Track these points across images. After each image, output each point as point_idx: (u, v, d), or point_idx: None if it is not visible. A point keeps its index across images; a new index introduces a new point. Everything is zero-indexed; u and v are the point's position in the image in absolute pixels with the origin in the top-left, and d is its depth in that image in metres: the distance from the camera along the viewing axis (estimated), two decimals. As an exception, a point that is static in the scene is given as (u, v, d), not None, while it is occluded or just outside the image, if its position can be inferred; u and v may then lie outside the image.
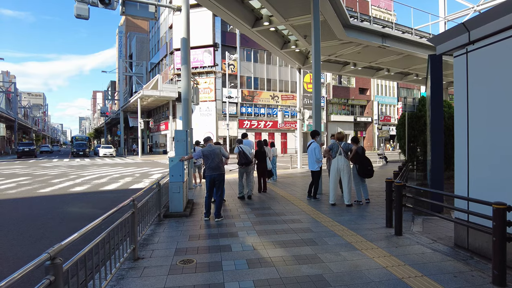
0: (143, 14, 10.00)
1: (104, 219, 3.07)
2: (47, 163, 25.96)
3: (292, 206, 7.25)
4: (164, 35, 43.76)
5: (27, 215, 7.30)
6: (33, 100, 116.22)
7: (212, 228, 5.49)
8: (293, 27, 13.31)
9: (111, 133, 72.72)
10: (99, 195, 9.80)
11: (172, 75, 38.14)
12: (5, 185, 11.78)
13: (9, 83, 67.11)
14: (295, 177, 13.72)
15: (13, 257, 4.53)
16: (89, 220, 6.57)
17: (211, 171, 6.04)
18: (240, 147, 8.15)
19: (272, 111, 40.06)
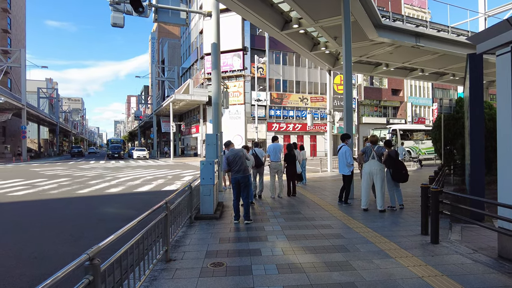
0: (174, 21, 10.28)
1: (139, 221, 3.14)
2: (85, 165, 27.26)
3: (322, 211, 7.14)
4: (194, 40, 44.74)
5: (68, 214, 7.70)
6: (72, 105, 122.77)
7: (241, 231, 5.52)
8: (323, 29, 13.16)
9: (145, 136, 75.21)
10: (133, 197, 10.15)
11: (203, 80, 38.88)
12: (48, 186, 12.50)
13: (52, 89, 71.29)
14: (325, 181, 13.51)
15: (55, 255, 4.78)
16: (124, 220, 6.82)
17: (235, 173, 6.09)
18: (255, 150, 8.75)
19: (301, 113, 39.75)
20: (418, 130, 28.40)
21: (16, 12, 57.79)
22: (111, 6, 9.65)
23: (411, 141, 25.87)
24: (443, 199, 4.87)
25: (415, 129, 29.19)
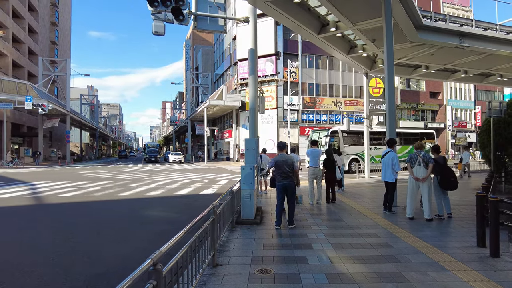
0: (213, 28, 10.45)
1: (192, 226, 3.17)
2: (124, 168, 28.37)
3: (365, 219, 6.91)
4: (228, 47, 45.44)
5: (112, 217, 8.00)
6: (111, 111, 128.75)
7: (284, 238, 5.46)
8: (361, 32, 12.87)
9: (179, 140, 77.19)
10: (173, 200, 10.38)
11: (236, 85, 39.34)
12: (92, 188, 13.11)
13: (92, 96, 75.22)
14: (363, 187, 13.14)
15: (106, 256, 4.95)
16: (166, 223, 7.01)
17: (283, 179, 6.04)
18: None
19: (334, 117, 39.09)
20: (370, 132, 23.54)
21: (62, 25, 61.67)
22: (153, 16, 9.98)
23: (358, 147, 21.42)
24: (504, 210, 4.54)
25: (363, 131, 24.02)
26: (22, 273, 4.19)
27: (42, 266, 4.43)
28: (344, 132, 21.43)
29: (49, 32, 54.96)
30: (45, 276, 4.10)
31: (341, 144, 20.50)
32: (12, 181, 16.14)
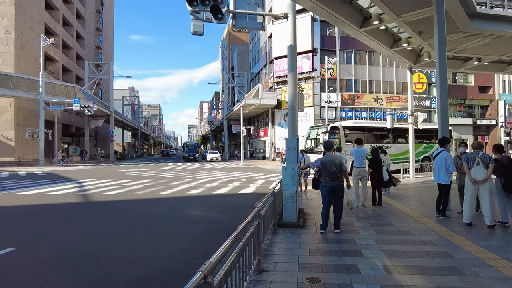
0: (251, 25, 10.31)
1: (238, 233, 2.99)
2: (164, 166, 29.17)
3: (417, 224, 6.41)
4: (264, 45, 45.31)
5: (155, 215, 8.09)
6: (151, 111, 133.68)
7: (331, 243, 5.16)
8: (406, 24, 12.11)
9: (216, 139, 78.45)
10: (213, 199, 10.37)
11: (272, 83, 39.11)
12: (135, 186, 13.49)
13: (134, 97, 78.46)
14: (408, 188, 12.42)
15: (149, 256, 4.92)
16: (208, 223, 6.95)
17: (330, 180, 5.72)
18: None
19: (375, 114, 37.63)
20: (375, 129, 20.68)
21: (106, 30, 64.83)
22: (192, 15, 10.00)
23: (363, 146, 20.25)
24: None
25: (370, 127, 20.92)
26: (71, 271, 4.26)
27: (89, 265, 4.48)
28: (346, 128, 18.93)
29: (94, 37, 58.01)
30: (92, 275, 4.13)
31: (342, 142, 17.67)
32: (62, 178, 17.08)
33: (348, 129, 19.07)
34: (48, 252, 5.08)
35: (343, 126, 18.66)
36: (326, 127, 18.82)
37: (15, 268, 4.38)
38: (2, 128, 31.95)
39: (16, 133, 32.06)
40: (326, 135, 18.03)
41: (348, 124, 20.03)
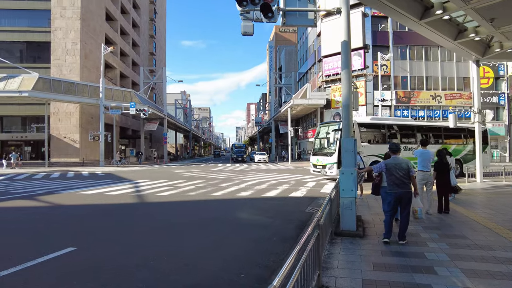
0: (302, 22, 9.95)
1: (301, 248, 2.68)
2: (214, 167, 29.72)
3: (497, 237, 5.61)
4: (312, 44, 44.46)
5: (207, 218, 8.06)
6: (202, 114, 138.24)
7: (397, 257, 4.64)
8: (475, 11, 10.92)
9: (263, 140, 78.82)
10: (263, 202, 10.16)
11: (320, 83, 38.19)
12: (187, 187, 13.76)
13: (185, 100, 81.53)
14: (476, 194, 11.19)
15: (204, 263, 4.78)
16: (260, 228, 6.72)
17: (396, 187, 5.19)
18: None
19: (433, 113, 35.06)
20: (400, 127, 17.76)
21: (159, 37, 68.09)
22: (241, 16, 9.90)
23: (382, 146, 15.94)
24: None
25: (392, 125, 17.77)
26: (127, 275, 4.25)
27: (143, 269, 4.46)
28: (362, 126, 16.42)
29: (148, 44, 61.20)
30: (148, 281, 4.07)
31: (357, 142, 15.82)
32: (120, 179, 18.03)
33: (365, 127, 16.71)
34: (106, 254, 5.18)
35: (358, 123, 16.02)
36: (338, 124, 15.62)
37: (75, 269, 4.48)
38: (69, 131, 34.80)
39: (80, 136, 34.76)
40: (338, 134, 15.16)
41: (365, 121, 17.42)
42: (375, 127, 17.30)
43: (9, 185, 14.94)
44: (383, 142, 16.68)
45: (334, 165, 14.93)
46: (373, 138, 17.00)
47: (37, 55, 37.32)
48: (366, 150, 15.61)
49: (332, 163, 15.15)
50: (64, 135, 34.71)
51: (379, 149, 15.60)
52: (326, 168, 15.53)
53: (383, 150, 15.30)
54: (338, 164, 14.32)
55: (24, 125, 37.27)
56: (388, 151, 5.99)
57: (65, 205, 9.86)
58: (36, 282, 4.07)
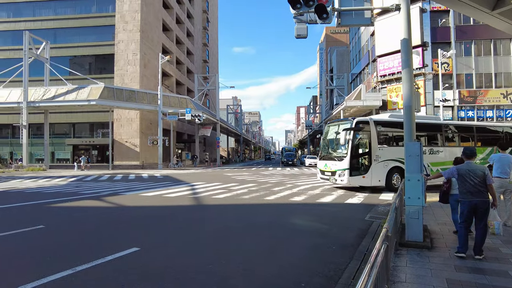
0: (358, 22, 9.61)
1: (373, 263, 2.50)
2: (265, 171, 29.82)
3: None
4: (365, 44, 42.92)
5: (261, 222, 8.03)
6: (252, 118, 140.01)
7: (475, 274, 4.17)
8: (559, -3, 9.69)
9: (313, 144, 77.52)
10: (318, 208, 9.90)
11: (375, 83, 36.63)
12: (240, 190, 13.92)
13: (236, 105, 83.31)
14: None
15: (263, 269, 4.73)
16: (316, 236, 6.52)
17: (470, 195, 4.71)
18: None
19: (504, 112, 31.81)
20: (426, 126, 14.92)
21: (212, 45, 70.45)
22: (295, 19, 9.82)
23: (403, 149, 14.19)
24: None
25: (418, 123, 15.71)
26: (187, 278, 4.33)
27: (202, 273, 4.51)
28: (379, 124, 13.78)
29: (201, 52, 63.61)
30: (207, 286, 4.12)
31: (374, 145, 13.09)
32: (177, 181, 18.81)
33: (383, 126, 14.09)
34: (167, 255, 5.36)
35: (375, 121, 13.60)
36: (350, 122, 13.45)
37: (138, 270, 4.67)
38: (130, 136, 37.28)
39: (140, 140, 37.06)
40: (350, 134, 12.88)
41: (382, 119, 14.72)
42: (395, 126, 14.26)
43: (80, 186, 16.32)
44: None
45: (345, 171, 12.93)
46: (393, 140, 14.40)
47: (103, 67, 40.63)
48: (384, 153, 13.22)
49: (342, 169, 13.05)
50: (125, 139, 37.24)
51: (400, 153, 12.68)
52: (335, 175, 13.35)
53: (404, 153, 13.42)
54: (350, 170, 12.80)
55: (91, 131, 40.66)
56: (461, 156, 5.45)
57: (128, 206, 10.47)
58: (103, 281, 4.30)
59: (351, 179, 12.81)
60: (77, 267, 4.60)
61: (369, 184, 13.01)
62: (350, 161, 12.81)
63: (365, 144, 13.35)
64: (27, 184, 17.83)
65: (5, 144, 41.30)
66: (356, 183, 13.08)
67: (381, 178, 13.11)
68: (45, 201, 11.32)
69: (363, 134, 13.40)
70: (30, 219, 8.24)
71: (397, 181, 13.20)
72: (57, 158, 40.58)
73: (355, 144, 13.14)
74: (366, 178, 12.86)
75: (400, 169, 12.99)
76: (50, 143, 37.12)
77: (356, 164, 13.08)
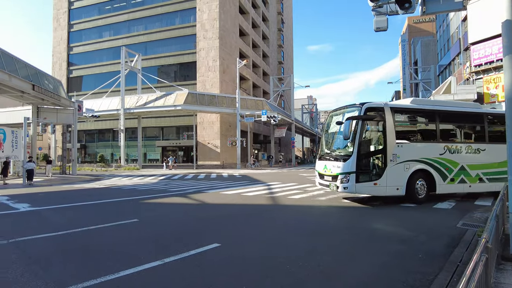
0: (447, 7, 8.72)
1: (470, 276, 2.24)
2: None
3: None
4: (455, 31, 38.64)
5: (339, 227, 7.78)
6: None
7: None
8: None
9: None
10: (399, 212, 9.19)
11: (468, 74, 32.71)
12: (316, 192, 13.68)
13: (312, 105, 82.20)
14: None
15: (342, 278, 4.60)
16: (398, 242, 6.09)
17: None
18: None
19: None
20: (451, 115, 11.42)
21: (286, 46, 70.79)
22: (374, 11, 9.32)
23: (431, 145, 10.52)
24: None
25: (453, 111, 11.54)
26: (264, 278, 4.40)
27: (280, 273, 4.55)
28: (399, 112, 10.73)
29: (276, 54, 64.37)
30: (285, 287, 4.14)
31: (390, 140, 9.87)
32: (254, 181, 19.34)
33: (404, 114, 11.01)
34: (245, 253, 5.53)
35: (393, 108, 10.22)
36: (358, 108, 10.05)
37: (218, 265, 4.92)
38: (212, 138, 39.56)
39: (220, 142, 39.08)
40: (357, 125, 9.70)
41: (404, 105, 11.33)
42: (420, 115, 11.31)
43: (168, 184, 17.87)
44: (432, 139, 10.85)
45: (350, 176, 9.60)
46: (417, 134, 11.25)
47: (186, 74, 43.85)
48: (405, 152, 10.00)
49: (346, 172, 9.68)
50: (207, 141, 39.64)
51: (427, 151, 10.38)
52: (337, 180, 9.97)
53: (432, 152, 10.32)
54: (356, 174, 9.56)
55: (177, 133, 44.17)
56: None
57: (210, 203, 11.11)
58: (188, 273, 4.63)
59: (358, 186, 9.61)
60: (166, 258, 5.04)
61: (384, 193, 9.82)
62: (356, 161, 9.55)
63: (379, 139, 10.13)
64: (124, 182, 20.17)
65: (107, 146, 47.32)
66: (366, 191, 10.00)
67: (400, 184, 9.89)
68: (139, 197, 12.67)
69: (376, 126, 10.21)
70: (127, 213, 9.32)
71: (422, 189, 10.22)
72: (149, 158, 45.04)
73: (364, 138, 9.93)
74: (379, 186, 9.66)
75: (426, 173, 10.21)
76: (143, 145, 41.47)
77: (366, 165, 9.89)
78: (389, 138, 9.87)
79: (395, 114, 10.19)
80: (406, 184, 9.95)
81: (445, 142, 10.76)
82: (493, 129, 11.86)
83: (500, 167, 10.84)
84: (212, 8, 40.44)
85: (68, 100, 27.36)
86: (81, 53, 49.93)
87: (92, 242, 6.23)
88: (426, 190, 10.26)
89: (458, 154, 10.71)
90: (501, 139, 11.07)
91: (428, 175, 10.26)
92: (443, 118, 11.14)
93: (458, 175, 10.62)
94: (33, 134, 26.44)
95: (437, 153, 10.42)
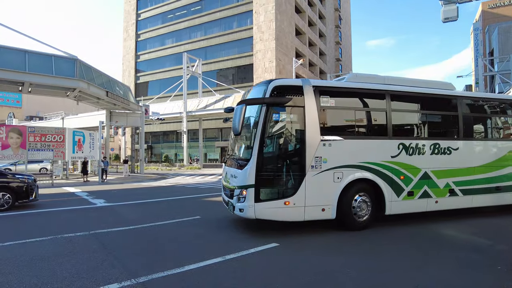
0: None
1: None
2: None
3: None
4: (541, 15, 34.17)
5: (400, 229, 7.35)
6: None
7: None
8: None
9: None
10: (477, 217, 8.39)
11: (558, 63, 28.69)
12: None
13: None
14: None
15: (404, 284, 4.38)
16: (472, 250, 5.59)
17: None
18: None
19: None
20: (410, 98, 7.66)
21: (344, 42, 68.74)
22: (441, 1, 8.67)
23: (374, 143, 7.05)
24: None
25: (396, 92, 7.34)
26: (317, 281, 4.35)
27: (341, 274, 4.46)
28: (326, 93, 6.77)
29: (334, 51, 62.82)
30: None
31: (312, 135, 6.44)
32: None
33: (333, 96, 6.86)
34: (303, 255, 5.50)
35: (317, 88, 6.70)
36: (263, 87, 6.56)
37: (276, 264, 4.96)
38: (268, 138, 39.94)
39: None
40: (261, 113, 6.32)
41: (335, 84, 7.89)
42: (363, 98, 7.37)
43: (227, 184, 18.43)
44: (380, 133, 7.42)
45: (248, 190, 6.24)
46: (355, 127, 7.35)
47: (244, 76, 44.84)
48: (336, 153, 6.65)
49: (242, 186, 6.37)
50: (264, 142, 40.09)
51: (371, 152, 7.01)
52: (233, 196, 6.64)
53: (380, 153, 7.04)
54: (256, 188, 6.20)
55: (235, 134, 45.39)
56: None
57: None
58: (247, 271, 4.74)
59: (259, 207, 6.23)
60: (227, 255, 5.22)
61: (301, 217, 6.45)
62: (256, 169, 6.18)
63: (294, 134, 6.69)
64: (187, 180, 21.27)
65: (171, 147, 50.30)
66: (271, 215, 6.43)
67: (328, 203, 6.58)
68: (201, 195, 13.28)
69: (290, 114, 6.60)
70: (190, 210, 9.82)
71: (364, 208, 6.84)
72: (209, 158, 46.91)
73: (270, 134, 6.50)
74: (294, 206, 6.33)
75: (371, 184, 6.91)
76: (203, 145, 43.29)
77: (271, 175, 6.43)
78: (310, 133, 6.46)
79: (321, 97, 6.68)
80: (338, 201, 6.61)
81: (400, 139, 7.33)
82: (471, 119, 8.45)
83: (478, 173, 8.00)
84: (268, 9, 40.83)
85: (136, 105, 29.63)
86: (146, 60, 53.87)
87: (159, 237, 6.68)
88: (370, 210, 6.91)
89: (420, 155, 7.40)
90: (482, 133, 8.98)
91: (375, 188, 6.97)
92: (397, 103, 7.64)
93: (420, 187, 7.36)
94: (107, 136, 29.18)
95: (388, 154, 7.13)
